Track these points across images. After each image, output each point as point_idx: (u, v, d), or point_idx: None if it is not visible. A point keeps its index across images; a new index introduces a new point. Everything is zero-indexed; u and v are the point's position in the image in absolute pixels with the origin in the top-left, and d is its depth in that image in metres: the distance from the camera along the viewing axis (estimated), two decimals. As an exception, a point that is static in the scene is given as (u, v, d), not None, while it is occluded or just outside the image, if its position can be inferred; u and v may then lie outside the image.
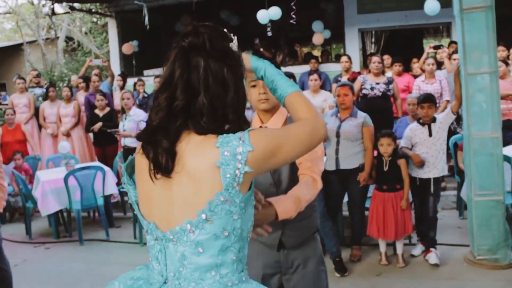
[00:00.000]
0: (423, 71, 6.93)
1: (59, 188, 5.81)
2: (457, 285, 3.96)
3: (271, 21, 7.86)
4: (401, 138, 4.78)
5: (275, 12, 7.63)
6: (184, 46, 1.34)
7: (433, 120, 4.46)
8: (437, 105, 6.27)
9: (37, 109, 8.20)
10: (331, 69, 8.87)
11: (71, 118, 7.88)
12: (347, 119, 4.46)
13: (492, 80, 4.21)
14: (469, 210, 4.43)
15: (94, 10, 11.45)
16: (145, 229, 1.40)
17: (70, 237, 6.08)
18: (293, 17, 7.81)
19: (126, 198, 6.89)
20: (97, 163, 6.65)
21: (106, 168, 6.10)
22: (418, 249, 4.65)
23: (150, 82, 8.66)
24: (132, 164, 1.47)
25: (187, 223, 1.28)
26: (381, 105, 6.05)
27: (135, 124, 6.63)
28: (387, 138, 4.45)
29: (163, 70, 1.36)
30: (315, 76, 6.73)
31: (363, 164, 4.47)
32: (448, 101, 6.31)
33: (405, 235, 4.56)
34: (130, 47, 10.22)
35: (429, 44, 7.52)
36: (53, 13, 10.58)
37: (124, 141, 6.79)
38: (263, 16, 7.68)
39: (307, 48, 13.70)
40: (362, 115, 4.48)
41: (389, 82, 6.12)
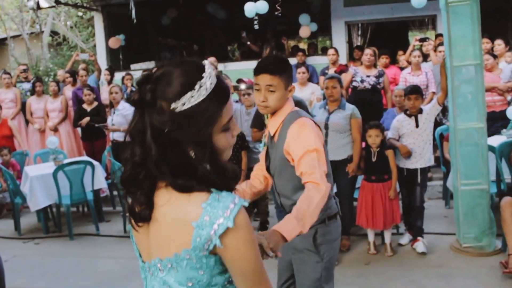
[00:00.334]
0: (409, 63, 7.01)
1: (48, 183, 5.80)
2: (444, 272, 4.05)
3: (258, 14, 7.86)
4: (389, 130, 4.85)
5: (262, 6, 7.63)
6: (136, 101, 1.24)
7: (420, 111, 4.53)
8: (423, 96, 6.36)
9: (24, 104, 8.14)
10: (318, 61, 8.91)
11: (58, 113, 7.84)
12: (335, 111, 4.51)
13: (477, 72, 4.29)
14: (455, 199, 4.52)
15: (79, 4, 11.33)
16: (136, 254, 1.42)
17: (59, 232, 6.07)
18: (278, 9, 7.82)
19: (115, 193, 6.89)
20: (85, 158, 6.63)
21: (95, 162, 6.09)
22: (405, 238, 4.74)
23: (137, 76, 8.63)
24: None
25: (158, 261, 1.27)
26: (371, 97, 6.12)
27: (123, 119, 6.63)
28: (375, 130, 4.51)
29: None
30: (302, 69, 6.76)
31: (351, 155, 4.53)
32: (434, 92, 6.40)
33: (393, 224, 4.65)
34: (116, 41, 10.16)
35: (415, 37, 7.59)
36: (38, 7, 10.45)
37: (113, 136, 6.78)
38: (250, 9, 7.68)
39: (294, 41, 13.72)
40: (350, 107, 4.54)
41: (379, 75, 6.18)
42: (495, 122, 5.70)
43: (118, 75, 8.81)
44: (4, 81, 8.29)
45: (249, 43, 10.09)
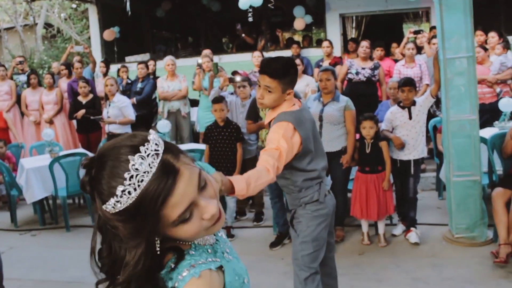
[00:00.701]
0: (403, 55, 7.05)
1: (44, 175, 5.82)
2: (436, 262, 4.12)
3: (252, 6, 7.87)
4: (383, 121, 4.90)
5: (256, -1, 7.65)
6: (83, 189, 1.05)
7: (413, 103, 4.58)
8: (417, 89, 6.41)
9: (19, 97, 8.13)
10: (312, 54, 8.94)
11: (53, 105, 7.85)
12: (329, 103, 4.55)
13: (469, 64, 4.33)
14: (448, 190, 4.59)
15: (73, -4, 11.30)
16: None
17: (56, 224, 6.10)
18: (271, 1, 7.82)
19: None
20: (81, 150, 6.65)
21: (90, 154, 6.07)
22: (399, 229, 4.80)
23: (133, 68, 8.62)
24: None
25: None
26: (366, 90, 6.16)
27: (119, 111, 6.65)
28: (369, 121, 4.56)
29: None
30: (297, 61, 6.79)
31: (345, 147, 4.58)
32: (428, 84, 6.45)
33: (387, 215, 4.70)
34: (111, 34, 10.14)
35: (409, 29, 7.62)
36: (31, -1, 10.41)
37: (108, 128, 6.80)
38: (244, 2, 7.69)
39: (288, 33, 13.71)
40: (344, 99, 4.58)
41: (375, 67, 6.22)
42: (484, 114, 5.76)
43: (113, 67, 8.81)
44: (-1, 73, 8.26)
45: (243, 35, 10.10)
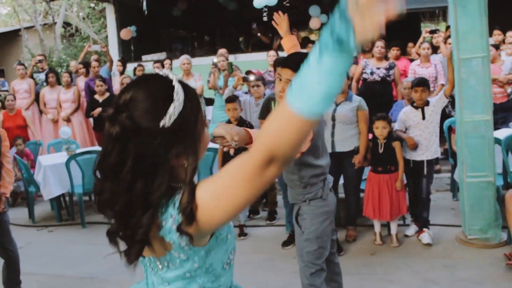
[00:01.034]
0: (419, 55, 7.00)
1: (60, 172, 5.92)
2: (448, 263, 4.10)
3: (268, 6, 7.89)
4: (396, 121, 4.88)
5: (271, -1, 7.67)
6: (118, 135, 1.16)
7: (427, 103, 4.55)
8: (432, 88, 6.36)
9: (38, 95, 8.28)
10: (328, 53, 8.91)
11: (71, 104, 7.97)
12: (342, 103, 4.55)
13: (484, 64, 4.29)
14: (461, 191, 4.55)
15: (91, -5, 11.44)
16: None
17: (72, 220, 6.22)
18: (286, 0, 7.83)
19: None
20: (97, 148, 6.75)
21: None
22: (411, 230, 4.78)
23: (149, 67, 8.71)
24: None
25: (156, 259, 1.28)
26: (380, 89, 6.14)
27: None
28: (382, 121, 4.55)
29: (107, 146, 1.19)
30: (312, 60, 6.79)
31: (358, 147, 4.58)
32: (443, 84, 6.39)
33: (400, 215, 4.69)
34: (128, 33, 10.25)
35: (425, 29, 7.57)
36: (50, -2, 10.58)
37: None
38: (259, 1, 7.71)
39: (305, 32, 13.70)
40: (357, 99, 4.58)
41: (390, 67, 6.20)
42: (495, 114, 5.68)
43: (130, 66, 8.91)
44: (19, 72, 8.43)
45: (259, 34, 10.13)
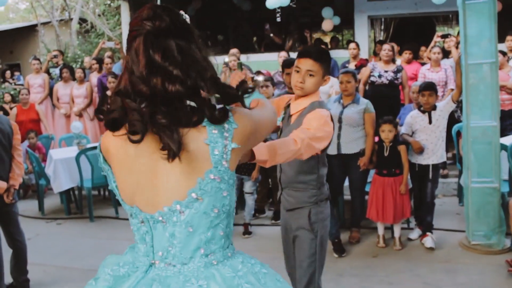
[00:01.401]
0: (430, 59, 6.98)
1: (71, 166, 6.01)
2: (450, 268, 4.10)
3: (281, 6, 7.92)
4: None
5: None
6: (151, 31, 1.27)
7: (434, 108, 4.56)
8: (442, 93, 6.36)
9: (51, 90, 8.40)
10: (340, 55, 8.91)
11: (83, 99, 8.08)
12: (349, 105, 4.58)
13: (492, 70, 4.29)
14: (466, 196, 4.56)
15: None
16: (128, 213, 1.41)
17: (80, 214, 6.31)
18: (299, 1, 7.84)
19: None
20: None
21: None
22: (415, 233, 4.79)
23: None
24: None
25: (176, 203, 1.28)
26: (388, 93, 6.15)
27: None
28: (388, 125, 4.57)
29: (127, 61, 1.32)
30: (322, 62, 6.83)
31: (364, 149, 4.60)
32: (453, 89, 6.38)
33: (403, 219, 4.70)
34: (142, 30, 10.32)
35: (437, 33, 7.55)
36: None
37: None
38: (272, 2, 7.74)
39: (318, 34, 13.70)
40: (364, 102, 4.60)
41: (398, 71, 6.21)
42: (504, 121, 5.66)
43: (143, 64, 8.98)
44: (34, 66, 8.57)
45: (272, 35, 10.16)
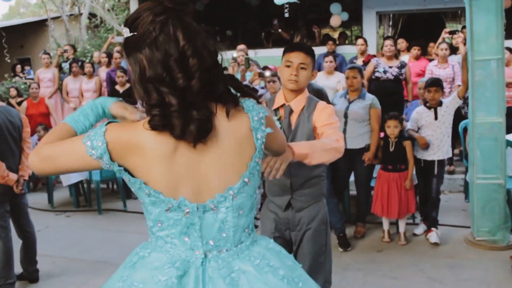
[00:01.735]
0: (437, 55, 6.97)
1: (80, 159, 6.08)
2: (454, 263, 4.12)
3: (289, 2, 7.92)
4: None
5: (292, -5, 7.69)
6: (182, 12, 1.26)
7: (440, 104, 4.57)
8: (449, 89, 6.35)
9: (61, 84, 8.50)
10: (348, 51, 8.92)
11: (92, 93, 8.15)
12: (355, 101, 4.60)
13: (498, 67, 4.29)
14: (471, 192, 4.57)
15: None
16: (165, 208, 1.29)
17: (89, 206, 6.40)
18: None
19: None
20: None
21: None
22: (420, 229, 4.81)
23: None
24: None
25: (229, 189, 1.31)
26: (393, 88, 6.16)
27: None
28: (394, 121, 4.59)
29: (154, 44, 1.26)
30: (330, 58, 6.85)
31: (369, 145, 4.62)
32: (460, 85, 6.37)
33: (408, 214, 4.72)
34: (151, 25, 10.37)
35: (445, 29, 7.52)
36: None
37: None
38: (281, -3, 7.74)
39: (326, 29, 13.68)
40: (370, 97, 4.62)
41: (401, 66, 6.21)
42: (510, 117, 5.62)
43: (151, 59, 9.04)
44: (44, 61, 8.66)
45: (280, 30, 10.17)
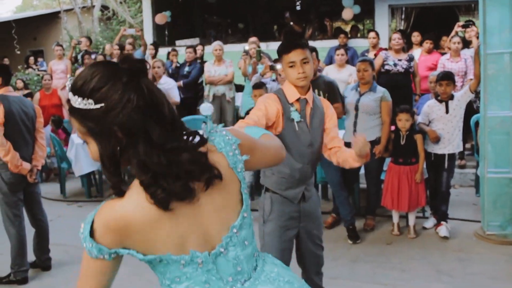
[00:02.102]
0: (450, 49, 6.92)
1: (92, 150, 6.15)
2: (463, 257, 4.12)
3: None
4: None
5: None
6: (135, 72, 1.25)
7: (451, 97, 4.55)
8: (461, 83, 6.31)
9: (74, 75, 8.57)
10: (360, 44, 8.88)
11: (104, 85, 8.21)
12: (366, 93, 4.59)
13: (511, 60, 4.26)
14: (481, 186, 4.56)
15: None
16: (179, 266, 1.29)
17: (101, 197, 6.46)
18: None
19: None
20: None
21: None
22: (430, 222, 4.81)
23: (182, 52, 8.87)
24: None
25: (233, 228, 1.34)
26: (402, 81, 6.15)
27: (165, 92, 6.89)
28: (405, 114, 4.58)
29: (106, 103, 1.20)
30: (341, 51, 6.83)
31: (379, 137, 4.62)
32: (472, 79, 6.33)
33: (418, 207, 4.72)
34: (163, 17, 10.43)
35: (458, 23, 7.45)
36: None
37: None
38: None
39: (338, 22, 13.63)
40: (381, 90, 4.61)
41: (410, 59, 6.19)
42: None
43: (164, 51, 9.09)
44: (57, 52, 8.74)
45: (292, 23, 10.16)
